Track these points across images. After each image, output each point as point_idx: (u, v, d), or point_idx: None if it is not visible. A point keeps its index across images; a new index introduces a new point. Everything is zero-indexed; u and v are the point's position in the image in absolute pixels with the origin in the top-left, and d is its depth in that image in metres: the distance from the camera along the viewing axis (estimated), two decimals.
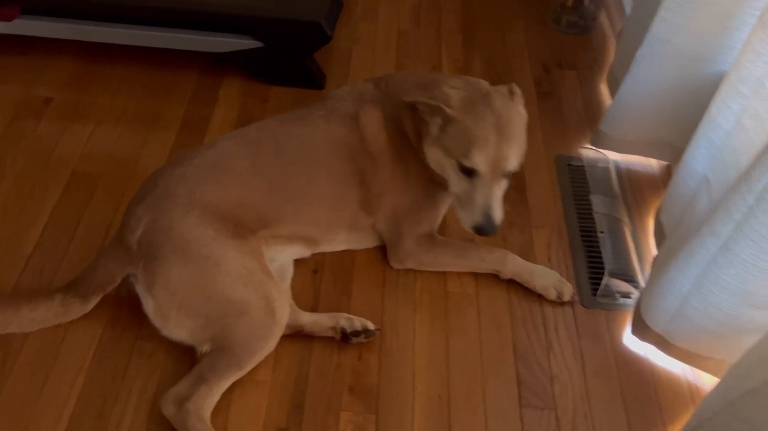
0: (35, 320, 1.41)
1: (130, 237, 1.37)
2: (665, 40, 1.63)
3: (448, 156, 1.43)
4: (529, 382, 1.46)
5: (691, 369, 1.49)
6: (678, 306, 1.34)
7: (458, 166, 1.41)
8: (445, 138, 1.42)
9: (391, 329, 1.53)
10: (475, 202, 1.41)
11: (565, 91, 2.22)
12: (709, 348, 1.38)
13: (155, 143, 1.91)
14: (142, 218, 1.37)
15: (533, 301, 1.61)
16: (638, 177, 1.95)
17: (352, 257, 1.67)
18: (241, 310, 1.34)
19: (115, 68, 2.11)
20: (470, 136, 1.38)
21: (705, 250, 1.21)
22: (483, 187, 1.41)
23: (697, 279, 1.26)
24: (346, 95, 1.59)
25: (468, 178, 1.42)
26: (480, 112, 1.40)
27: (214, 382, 1.32)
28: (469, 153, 1.38)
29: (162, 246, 1.34)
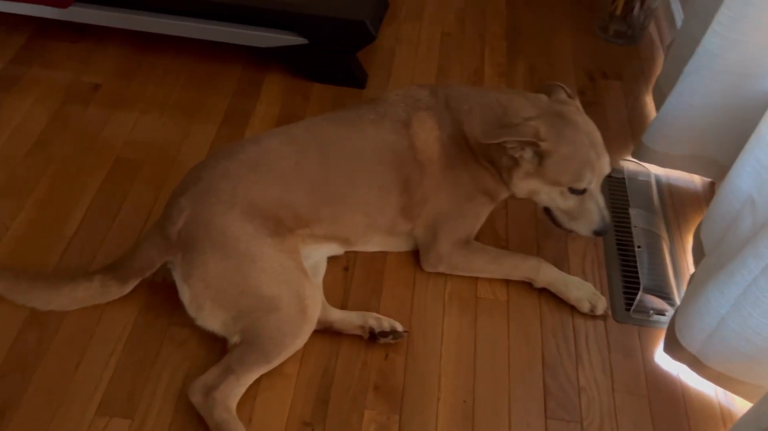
0: (75, 299, 1.44)
1: (171, 228, 1.39)
2: (716, 54, 1.60)
3: (553, 185, 1.49)
4: (555, 393, 1.45)
5: (724, 392, 1.46)
6: (714, 327, 1.31)
7: (568, 190, 1.48)
8: (546, 171, 1.46)
9: (418, 331, 1.53)
10: (591, 211, 1.50)
11: (609, 101, 2.19)
12: (744, 373, 1.34)
13: (197, 134, 1.94)
14: (184, 210, 1.39)
15: (565, 312, 1.59)
16: (680, 192, 1.91)
17: (384, 257, 1.67)
18: (272, 306, 1.36)
19: (162, 58, 2.16)
20: (576, 162, 1.45)
21: (747, 271, 1.18)
22: (593, 197, 1.50)
23: (736, 300, 1.23)
24: (398, 100, 1.58)
25: (577, 195, 1.49)
26: (570, 135, 1.46)
27: (242, 374, 1.34)
28: (581, 177, 1.46)
29: (201, 239, 1.36)
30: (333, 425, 1.36)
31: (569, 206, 1.51)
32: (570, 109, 1.52)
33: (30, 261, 1.58)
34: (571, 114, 1.50)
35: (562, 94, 1.57)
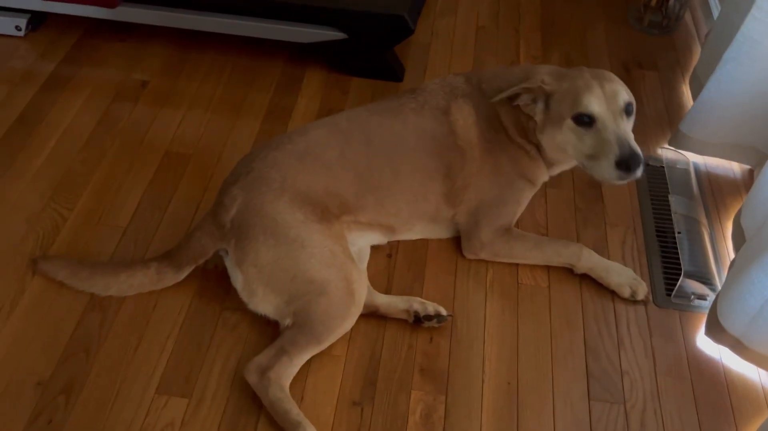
0: (132, 285, 1.51)
1: (224, 216, 1.45)
2: (756, 40, 1.61)
3: (560, 123, 1.44)
4: (598, 376, 1.47)
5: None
6: (758, 309, 1.32)
7: (574, 122, 1.42)
8: (552, 112, 1.46)
9: (462, 315, 1.57)
10: (607, 142, 1.39)
11: (646, 91, 2.20)
12: None
13: (241, 128, 2.00)
14: (236, 198, 1.45)
15: (605, 298, 1.62)
16: (718, 180, 1.92)
17: (426, 245, 1.71)
18: (322, 290, 1.41)
19: (206, 55, 2.22)
20: (574, 91, 1.43)
21: None
22: (608, 126, 1.40)
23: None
24: (437, 89, 1.63)
25: (589, 129, 1.41)
26: (573, 74, 1.49)
27: (295, 355, 1.39)
28: (579, 102, 1.40)
29: (253, 226, 1.42)
30: (381, 405, 1.41)
31: (587, 144, 1.42)
32: (582, 70, 1.51)
33: (88, 251, 1.65)
34: (582, 69, 1.51)
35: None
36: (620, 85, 1.47)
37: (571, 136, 1.46)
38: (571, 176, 1.90)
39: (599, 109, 1.41)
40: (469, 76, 1.65)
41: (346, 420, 1.38)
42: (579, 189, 1.87)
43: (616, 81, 1.47)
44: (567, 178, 1.89)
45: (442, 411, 1.40)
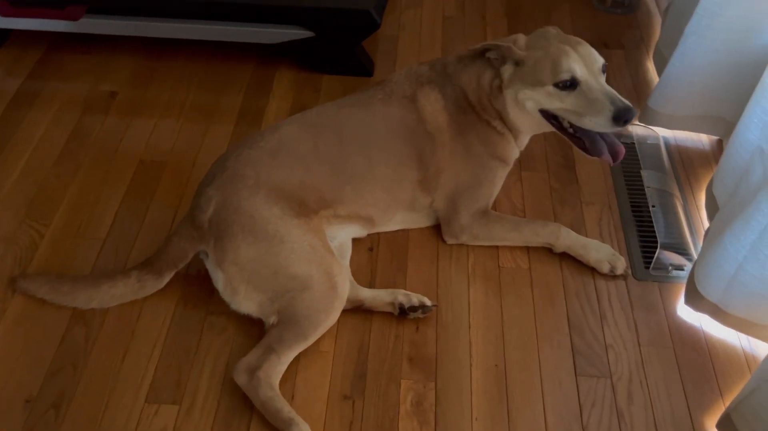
0: (114, 296, 1.51)
1: (201, 217, 1.45)
2: (715, 12, 1.64)
3: (536, 86, 1.47)
4: (584, 351, 1.50)
5: (747, 338, 1.50)
6: (733, 274, 1.35)
7: (556, 87, 1.45)
8: (525, 75, 1.48)
9: (446, 302, 1.58)
10: (597, 98, 1.42)
11: (613, 70, 2.23)
12: (765, 316, 1.39)
13: (215, 133, 2.00)
14: (212, 198, 1.45)
15: (586, 275, 1.64)
16: (688, 152, 1.95)
17: (406, 235, 1.72)
18: (304, 285, 1.41)
19: (175, 62, 2.21)
20: (551, 56, 1.45)
21: (761, 215, 1.22)
22: (593, 86, 1.44)
23: (753, 245, 1.27)
24: (403, 78, 1.65)
25: (572, 92, 1.44)
26: (543, 40, 1.51)
27: (282, 352, 1.39)
28: (560, 66, 1.43)
29: (231, 224, 1.42)
30: (372, 396, 1.42)
31: (571, 103, 1.46)
32: (551, 31, 1.57)
33: (68, 265, 1.64)
34: (550, 31, 1.56)
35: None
36: (591, 47, 1.51)
37: (552, 99, 1.47)
38: (545, 159, 1.92)
39: (581, 72, 1.45)
40: (433, 63, 1.67)
41: (339, 414, 1.39)
42: (553, 170, 1.89)
43: (585, 43, 1.51)
44: (541, 160, 1.92)
45: (433, 397, 1.42)
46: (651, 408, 1.41)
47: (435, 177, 1.62)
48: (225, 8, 2.06)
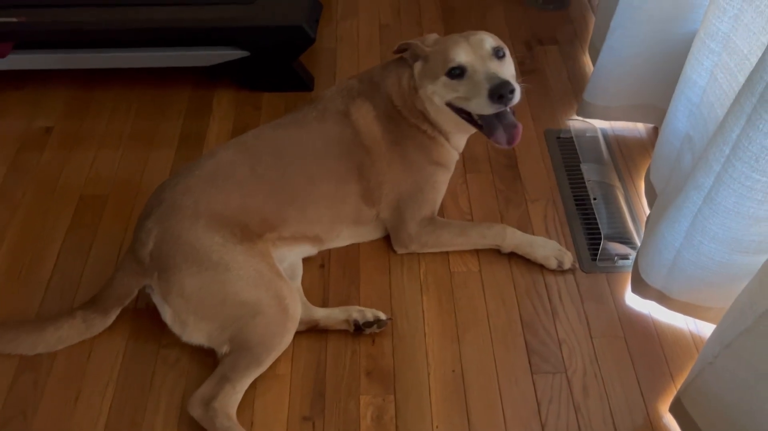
0: (61, 338, 1.47)
1: (142, 251, 1.43)
2: (636, 6, 1.68)
3: (436, 78, 1.51)
4: (538, 349, 1.52)
5: (694, 321, 1.54)
6: (672, 260, 1.39)
7: (448, 77, 1.48)
8: (428, 70, 1.53)
9: (400, 313, 1.59)
10: (479, 80, 1.44)
11: (549, 66, 2.27)
12: (707, 298, 1.43)
13: (156, 160, 1.97)
14: (151, 231, 1.43)
15: (535, 272, 1.67)
16: (627, 142, 2.00)
17: (357, 249, 1.72)
18: (255, 311, 1.40)
19: (110, 92, 2.18)
20: (443, 50, 1.50)
21: (691, 203, 1.26)
22: (477, 69, 1.46)
23: (687, 232, 1.31)
24: (334, 94, 1.65)
25: (462, 79, 1.48)
26: (446, 37, 1.57)
27: (237, 380, 1.38)
28: (448, 56, 1.48)
29: (173, 256, 1.40)
30: (332, 415, 1.41)
31: (462, 90, 1.48)
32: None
33: (12, 311, 1.60)
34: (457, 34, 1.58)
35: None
36: (486, 35, 1.53)
37: (448, 89, 1.50)
38: (489, 160, 1.94)
39: (467, 58, 1.48)
40: (360, 77, 1.68)
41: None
42: (497, 171, 1.91)
43: (482, 33, 1.54)
44: (485, 162, 1.94)
45: (393, 410, 1.42)
46: (606, 399, 1.43)
47: (377, 188, 1.63)
48: (155, 34, 2.03)
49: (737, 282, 1.14)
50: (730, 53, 1.31)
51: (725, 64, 1.33)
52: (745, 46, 1.26)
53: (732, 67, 1.31)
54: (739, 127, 1.05)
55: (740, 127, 1.04)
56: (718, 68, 1.36)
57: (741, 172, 1.07)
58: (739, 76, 1.28)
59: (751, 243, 1.18)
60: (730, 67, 1.31)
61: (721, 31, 1.33)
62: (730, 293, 1.14)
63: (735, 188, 1.10)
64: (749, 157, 1.04)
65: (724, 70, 1.33)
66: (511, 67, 1.54)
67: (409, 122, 1.61)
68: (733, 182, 1.09)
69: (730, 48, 1.31)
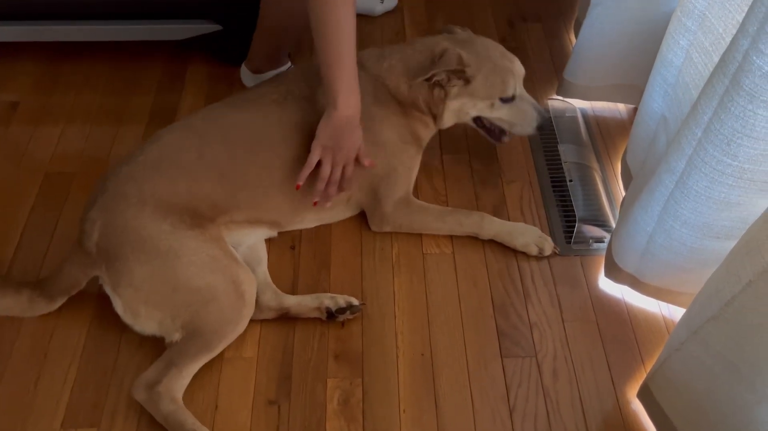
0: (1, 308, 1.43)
1: (87, 242, 1.38)
2: None
3: (484, 100, 1.60)
4: (508, 332, 1.50)
5: (667, 306, 1.53)
6: (645, 244, 1.36)
7: (500, 100, 1.60)
8: (475, 90, 1.58)
9: (371, 294, 1.56)
10: (527, 112, 1.62)
11: (532, 44, 2.22)
12: (679, 283, 1.41)
13: (126, 136, 1.92)
14: (96, 222, 1.38)
15: (509, 254, 1.64)
16: (606, 122, 1.96)
17: (329, 229, 1.69)
18: (209, 297, 1.36)
19: (80, 65, 2.11)
20: (499, 74, 1.57)
21: (663, 187, 1.23)
22: (524, 98, 1.63)
23: (659, 216, 1.28)
24: (299, 76, 1.59)
25: (510, 103, 1.61)
26: (484, 54, 1.58)
27: (184, 365, 1.34)
28: (507, 86, 1.58)
29: (120, 246, 1.35)
30: (298, 398, 1.39)
31: (504, 114, 1.62)
32: (469, 35, 1.66)
33: None
34: (474, 38, 1.64)
35: (457, 29, 1.69)
36: (518, 59, 1.64)
37: (494, 110, 1.62)
38: (466, 140, 1.91)
39: (519, 89, 1.62)
40: None
41: (264, 419, 1.36)
42: (474, 151, 1.88)
43: (516, 59, 1.63)
44: (461, 142, 1.90)
45: (360, 394, 1.40)
46: (576, 383, 1.42)
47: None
48: (126, 7, 1.97)
49: (708, 268, 1.12)
50: (706, 32, 1.28)
51: (701, 44, 1.30)
52: (720, 24, 1.22)
53: (707, 46, 1.27)
54: (711, 110, 1.02)
55: (712, 109, 1.01)
56: (694, 47, 1.32)
57: (712, 156, 1.04)
58: (714, 56, 1.24)
59: (722, 228, 1.15)
60: (705, 46, 1.28)
61: (697, 9, 1.30)
62: (701, 278, 1.12)
63: (706, 172, 1.07)
64: (720, 140, 1.01)
65: (700, 49, 1.30)
66: None
67: (405, 112, 1.60)
68: (705, 166, 1.07)
69: (705, 27, 1.28)
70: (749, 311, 0.97)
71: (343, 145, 1.47)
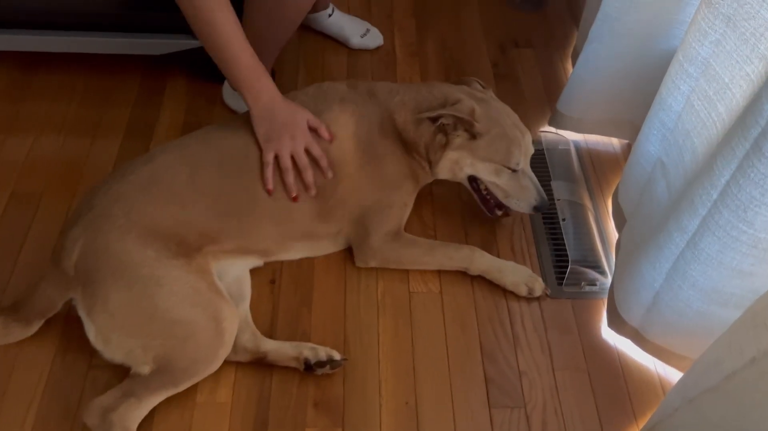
0: None
1: (66, 261, 1.30)
2: (614, 17, 1.59)
3: (485, 162, 1.53)
4: (497, 380, 1.44)
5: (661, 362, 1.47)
6: (651, 300, 1.31)
7: (502, 167, 1.53)
8: (478, 149, 1.52)
9: (354, 337, 1.49)
10: (528, 189, 1.55)
11: (523, 71, 2.17)
12: (681, 346, 1.35)
13: (99, 152, 1.82)
14: (77, 240, 1.30)
15: (498, 295, 1.58)
16: (600, 156, 1.92)
17: (311, 264, 1.61)
18: (186, 332, 1.28)
19: (54, 76, 2.01)
20: (505, 141, 1.51)
21: (673, 245, 1.17)
22: (527, 174, 1.56)
23: (667, 274, 1.22)
24: (306, 101, 1.53)
25: (510, 172, 1.54)
26: (496, 117, 1.53)
27: (145, 398, 1.27)
28: (511, 155, 1.52)
29: (99, 268, 1.27)
30: None
31: (503, 182, 1.55)
32: (489, 96, 1.61)
33: None
34: (492, 100, 1.59)
35: (477, 86, 1.64)
36: (529, 134, 1.58)
37: (492, 175, 1.55)
38: None
39: (524, 162, 1.56)
40: (353, 83, 1.56)
41: None
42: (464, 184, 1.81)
43: (528, 132, 1.58)
44: None
45: None
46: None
47: (337, 208, 1.52)
48: (104, 19, 1.87)
49: (712, 335, 1.07)
50: (709, 80, 1.22)
51: (703, 91, 1.25)
52: (726, 74, 1.17)
53: (711, 95, 1.22)
54: (728, 173, 0.96)
55: (730, 172, 0.96)
56: (695, 94, 1.27)
57: (727, 221, 0.99)
58: (718, 105, 1.19)
59: (731, 296, 1.10)
60: (709, 94, 1.23)
61: (701, 55, 1.25)
62: (705, 344, 1.07)
63: (720, 236, 1.02)
64: (737, 206, 0.96)
65: (702, 97, 1.25)
66: None
67: (408, 151, 1.54)
68: (719, 230, 1.01)
69: (709, 74, 1.23)
70: (751, 388, 0.92)
71: (285, 131, 1.42)
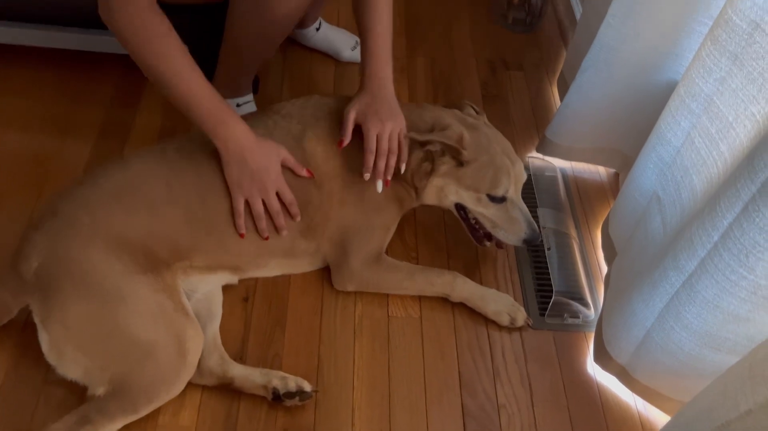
0: None
1: (25, 267, 1.22)
2: (613, 47, 1.56)
3: (470, 190, 1.47)
4: (475, 413, 1.38)
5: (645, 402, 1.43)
6: (642, 339, 1.26)
7: (487, 197, 1.46)
8: (464, 176, 1.46)
9: (329, 361, 1.42)
10: (517, 220, 1.48)
11: (513, 93, 2.14)
12: (669, 388, 1.31)
13: (70, 152, 1.74)
14: (38, 246, 1.22)
15: (479, 323, 1.53)
16: (586, 185, 1.89)
17: (287, 282, 1.54)
18: (147, 352, 1.20)
19: (23, 70, 1.92)
20: (493, 169, 1.45)
21: (668, 284, 1.14)
22: (516, 205, 1.49)
23: (660, 313, 1.18)
24: (294, 112, 1.46)
25: (498, 203, 1.47)
26: (486, 144, 1.46)
27: (101, 424, 1.18)
28: (498, 184, 1.45)
29: (60, 277, 1.20)
30: None
31: (491, 213, 1.49)
32: (481, 123, 1.54)
33: None
34: (483, 127, 1.52)
35: (471, 110, 1.59)
36: (521, 162, 1.52)
37: (478, 204, 1.49)
38: None
39: (512, 192, 1.49)
40: (343, 99, 1.49)
41: None
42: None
43: (520, 161, 1.52)
44: None
45: None
46: None
47: (320, 225, 1.46)
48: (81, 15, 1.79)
49: (703, 380, 1.03)
50: (712, 118, 1.20)
51: (705, 128, 1.22)
52: (730, 112, 1.15)
53: (713, 132, 1.19)
54: (732, 215, 0.93)
55: (733, 215, 0.93)
56: (697, 131, 1.24)
57: (727, 264, 0.95)
58: (720, 144, 1.17)
59: (725, 341, 1.06)
60: (711, 133, 1.20)
61: (704, 92, 1.22)
62: (694, 388, 1.03)
63: (718, 279, 0.98)
64: (739, 250, 0.92)
65: (704, 134, 1.22)
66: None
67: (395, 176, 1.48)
68: (717, 273, 0.98)
69: (712, 112, 1.20)
70: None
71: (256, 176, 1.34)
